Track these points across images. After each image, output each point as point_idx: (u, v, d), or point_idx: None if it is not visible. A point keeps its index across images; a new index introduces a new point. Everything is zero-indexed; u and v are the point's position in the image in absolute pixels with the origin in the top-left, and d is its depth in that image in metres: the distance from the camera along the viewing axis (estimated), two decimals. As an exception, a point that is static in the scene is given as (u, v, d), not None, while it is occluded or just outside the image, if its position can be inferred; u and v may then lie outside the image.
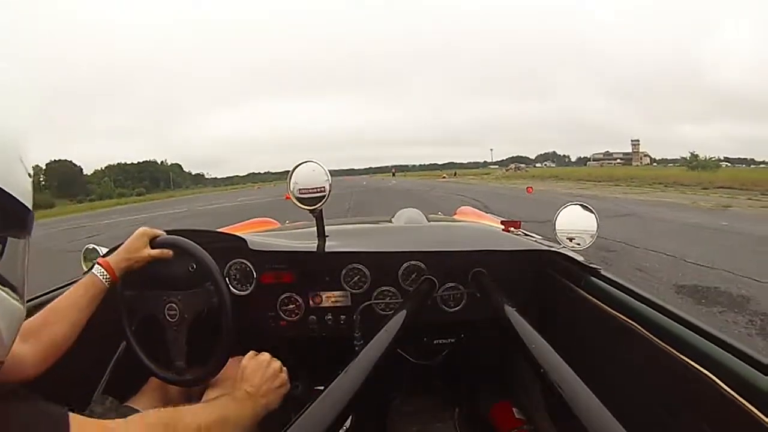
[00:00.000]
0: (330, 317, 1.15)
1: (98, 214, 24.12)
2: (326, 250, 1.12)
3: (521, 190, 18.16)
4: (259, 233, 1.45)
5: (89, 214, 25.48)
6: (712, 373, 0.54)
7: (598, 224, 1.13)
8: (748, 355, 0.53)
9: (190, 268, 1.04)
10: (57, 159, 72.69)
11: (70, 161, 74.63)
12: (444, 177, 47.45)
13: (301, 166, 1.09)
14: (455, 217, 2.12)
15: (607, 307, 0.80)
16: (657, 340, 0.65)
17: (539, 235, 1.29)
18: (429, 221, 1.62)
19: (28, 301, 0.96)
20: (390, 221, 1.68)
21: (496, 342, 1.26)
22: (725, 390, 0.51)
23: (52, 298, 1.00)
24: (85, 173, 76.66)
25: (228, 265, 1.12)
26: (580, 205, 1.17)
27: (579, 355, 0.60)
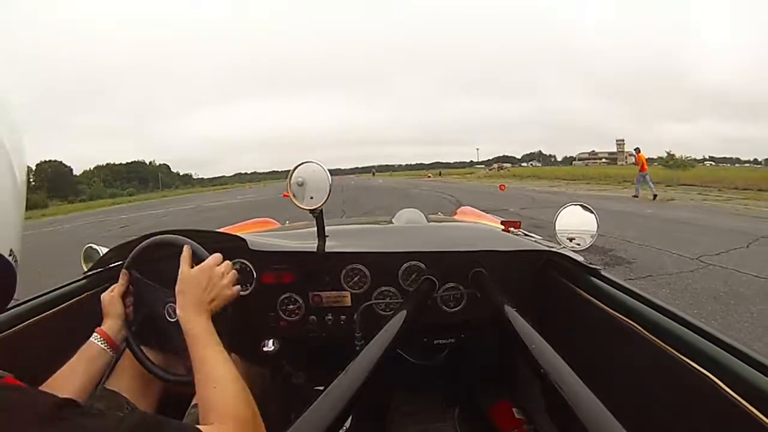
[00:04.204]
0: (330, 317, 1.15)
1: (100, 212, 24.10)
2: (326, 250, 1.13)
3: (495, 187, 19.19)
4: (260, 233, 1.45)
5: (92, 212, 25.45)
6: (712, 374, 0.54)
7: (598, 224, 1.14)
8: (749, 355, 0.54)
9: None
10: (47, 159, 72.71)
11: (60, 162, 74.66)
12: (429, 176, 47.93)
13: (301, 166, 1.09)
14: (455, 217, 2.12)
15: (606, 308, 0.80)
16: (657, 340, 0.65)
17: (532, 232, 1.30)
18: (429, 221, 1.63)
19: (28, 301, 0.97)
20: (390, 221, 1.68)
21: (496, 342, 1.26)
22: (725, 390, 0.52)
23: (50, 300, 1.01)
24: (74, 174, 76.80)
25: None
26: (580, 205, 1.17)
27: (579, 356, 0.60)
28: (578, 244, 1.12)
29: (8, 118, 0.47)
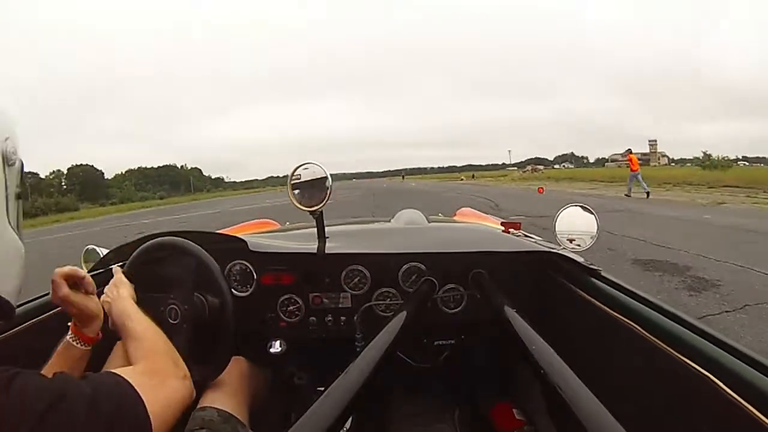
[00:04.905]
0: (330, 318, 1.15)
1: (126, 216, 23.69)
2: (326, 251, 1.13)
3: (534, 190, 18.13)
4: (260, 234, 1.45)
5: (118, 216, 25.13)
6: (712, 374, 0.54)
7: (598, 225, 1.14)
8: (748, 355, 0.54)
9: (190, 270, 1.04)
10: (78, 163, 73.43)
11: (92, 165, 75.21)
12: (462, 179, 47.24)
13: (301, 167, 1.10)
14: (455, 218, 2.12)
15: (607, 308, 0.80)
16: (657, 341, 0.65)
17: (536, 234, 1.30)
18: (429, 222, 1.63)
19: (29, 301, 0.97)
20: (390, 222, 1.68)
21: (496, 343, 1.26)
22: (725, 391, 0.51)
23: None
24: (106, 177, 77.25)
25: (228, 266, 1.12)
26: (580, 206, 1.17)
27: (579, 356, 0.60)
28: (578, 245, 1.12)
29: None
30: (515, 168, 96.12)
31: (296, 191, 1.09)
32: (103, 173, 76.11)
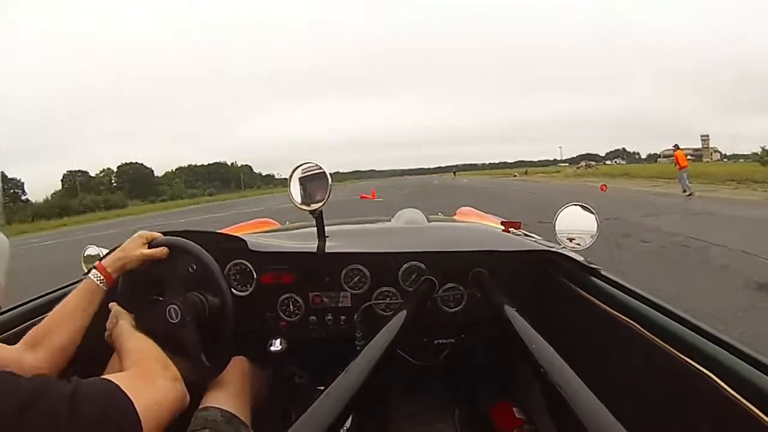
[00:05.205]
0: (330, 318, 1.15)
1: (172, 214, 23.34)
2: (326, 250, 1.13)
3: (593, 187, 17.09)
4: (260, 234, 1.45)
5: (163, 213, 25.01)
6: (712, 373, 0.54)
7: (597, 225, 1.14)
8: (749, 354, 0.54)
9: (190, 269, 1.04)
10: (128, 162, 73.94)
11: (141, 163, 75.63)
12: (515, 175, 46.27)
13: (301, 167, 1.10)
14: (455, 217, 2.12)
15: (607, 307, 0.80)
16: (657, 340, 0.65)
17: (537, 235, 1.29)
18: (429, 221, 1.63)
19: (28, 302, 0.97)
20: (390, 222, 1.68)
21: (496, 342, 1.26)
22: (725, 390, 0.52)
23: (53, 299, 1.01)
24: (156, 175, 77.46)
25: (228, 265, 1.12)
26: (580, 205, 1.17)
27: (579, 355, 0.60)
28: (578, 245, 1.12)
29: None
30: (566, 164, 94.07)
31: (296, 191, 1.09)
32: (152, 171, 76.46)
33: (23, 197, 52.76)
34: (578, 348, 0.70)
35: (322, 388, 0.56)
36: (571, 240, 1.13)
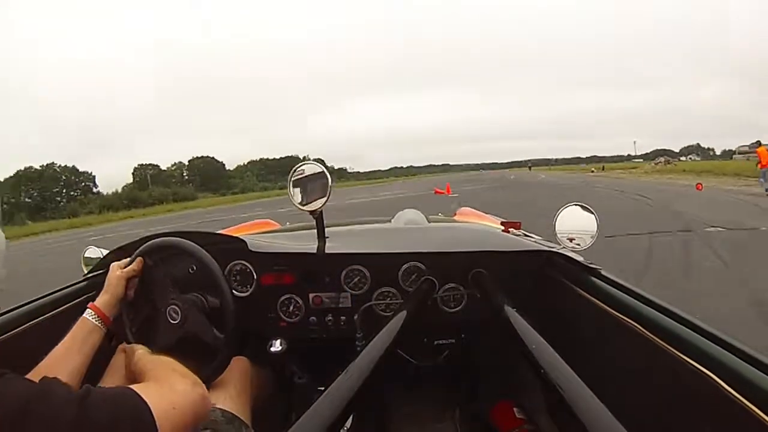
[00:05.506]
0: (330, 318, 1.15)
1: (237, 207, 22.91)
2: (326, 251, 1.13)
3: (682, 185, 15.40)
4: (260, 235, 1.45)
5: (229, 207, 24.38)
6: (712, 373, 0.54)
7: (597, 225, 1.14)
8: (749, 354, 0.54)
9: (190, 270, 1.04)
10: (199, 155, 75.10)
11: (212, 157, 76.70)
12: (593, 171, 44.77)
13: (301, 167, 1.10)
14: (455, 217, 2.12)
15: (607, 307, 0.80)
16: (657, 339, 0.65)
17: (538, 235, 1.29)
18: (429, 222, 1.63)
19: (28, 304, 0.97)
20: (390, 222, 1.68)
21: (496, 342, 1.26)
22: (726, 389, 0.52)
23: (53, 300, 1.01)
24: (228, 168, 78.36)
25: (228, 266, 1.12)
26: (580, 205, 1.17)
27: (579, 355, 0.60)
28: (578, 245, 1.12)
29: None
30: (641, 159, 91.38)
31: (296, 192, 1.09)
32: (224, 164, 77.30)
33: (94, 190, 55.45)
34: (578, 348, 0.71)
35: (323, 388, 0.56)
36: (571, 240, 1.13)
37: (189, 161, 72.22)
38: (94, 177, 55.50)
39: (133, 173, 61.67)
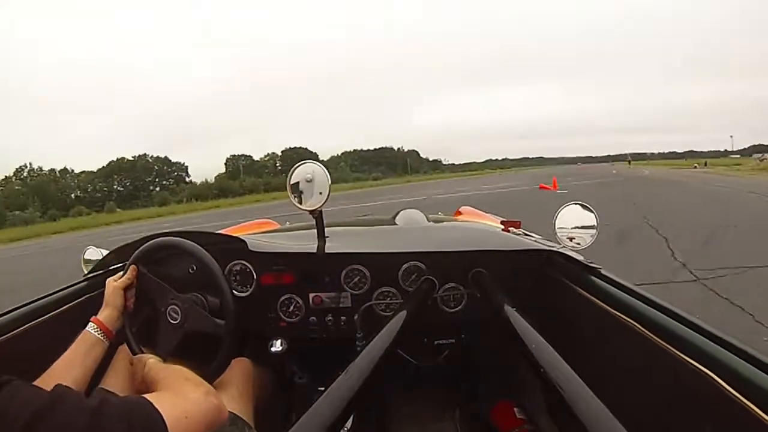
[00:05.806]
0: (330, 318, 1.15)
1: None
2: (326, 251, 1.13)
3: None
4: (260, 234, 1.45)
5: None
6: (712, 372, 0.54)
7: (597, 224, 1.14)
8: (749, 353, 0.54)
9: (190, 270, 1.04)
10: (292, 147, 77.19)
11: (306, 148, 78.59)
12: (695, 166, 43.19)
13: (300, 167, 1.10)
14: (455, 217, 2.12)
15: (607, 307, 0.80)
16: (657, 339, 0.65)
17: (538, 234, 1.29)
18: (429, 221, 1.63)
19: (29, 304, 0.97)
20: (390, 222, 1.68)
21: (496, 342, 1.26)
22: (726, 389, 0.52)
23: (53, 300, 1.01)
24: (321, 159, 79.25)
25: (228, 266, 1.12)
26: (580, 204, 1.17)
27: (579, 355, 0.60)
28: (578, 244, 1.12)
29: None
30: (738, 155, 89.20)
31: (296, 191, 1.09)
32: (317, 155, 78.89)
33: (187, 179, 57.35)
34: (578, 347, 0.70)
35: (323, 388, 0.56)
36: (571, 239, 1.13)
37: (282, 152, 74.63)
38: (186, 167, 57.36)
39: (225, 163, 63.67)
